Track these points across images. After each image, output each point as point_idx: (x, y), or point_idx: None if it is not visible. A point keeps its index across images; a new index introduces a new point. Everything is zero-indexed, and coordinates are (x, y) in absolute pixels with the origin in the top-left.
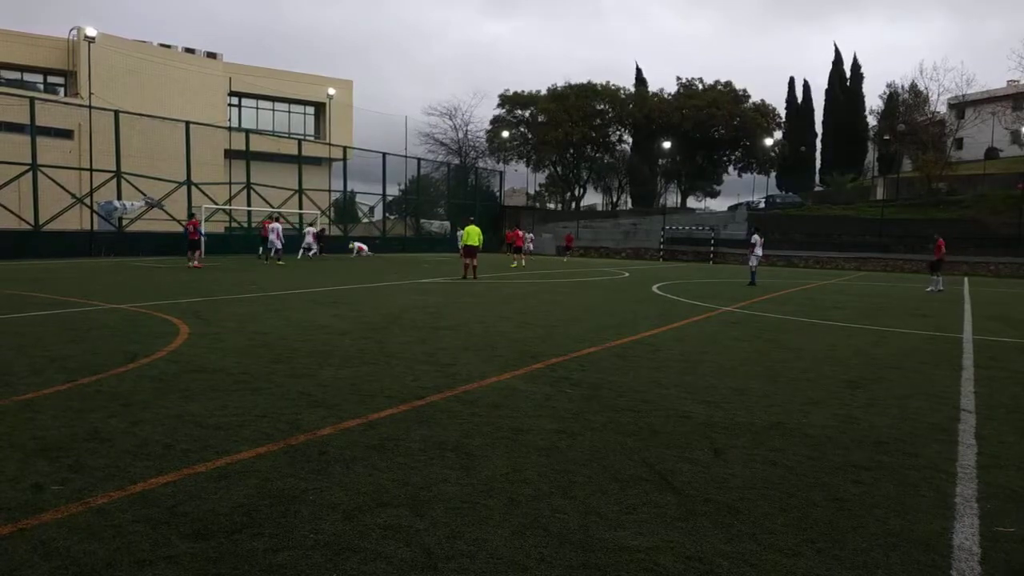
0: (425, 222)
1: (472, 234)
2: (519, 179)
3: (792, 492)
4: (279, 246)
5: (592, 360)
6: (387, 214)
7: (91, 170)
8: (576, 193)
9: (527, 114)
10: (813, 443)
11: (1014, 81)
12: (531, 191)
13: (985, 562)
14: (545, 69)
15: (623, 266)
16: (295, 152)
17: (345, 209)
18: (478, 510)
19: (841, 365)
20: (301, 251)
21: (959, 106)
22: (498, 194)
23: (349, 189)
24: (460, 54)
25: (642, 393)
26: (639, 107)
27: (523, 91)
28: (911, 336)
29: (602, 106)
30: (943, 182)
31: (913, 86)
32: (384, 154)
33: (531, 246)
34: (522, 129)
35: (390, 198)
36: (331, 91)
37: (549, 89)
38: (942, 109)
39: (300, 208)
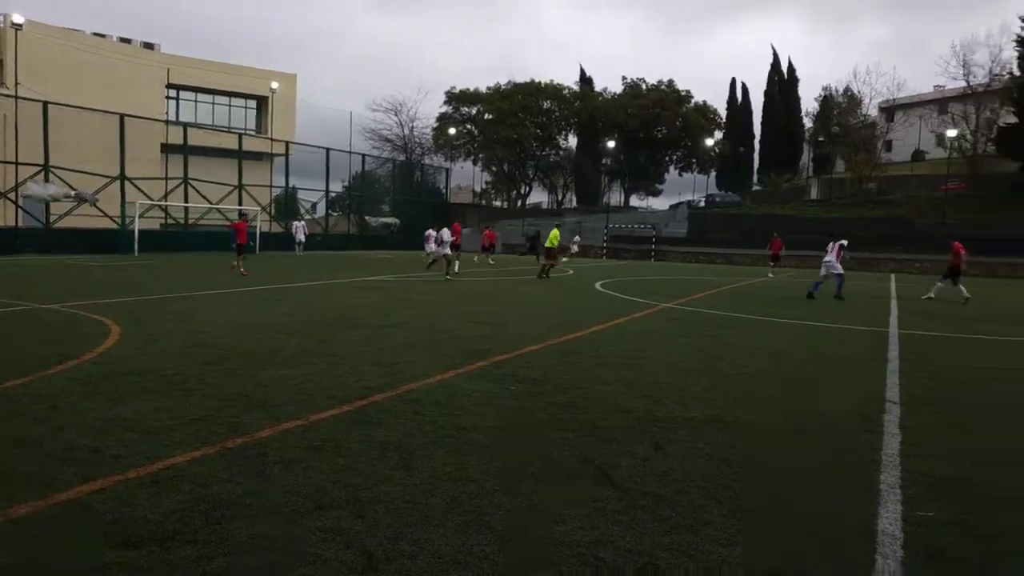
0: (371, 219)
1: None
2: (465, 176)
3: (728, 483)
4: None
5: (536, 357)
6: (330, 210)
7: (16, 163)
8: (522, 191)
9: (474, 111)
10: (749, 435)
11: (940, 86)
12: (477, 188)
13: (907, 546)
14: (485, 67)
15: (567, 263)
16: (235, 147)
17: (286, 205)
18: (420, 510)
19: (776, 360)
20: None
21: (889, 109)
22: (444, 191)
23: (291, 185)
24: (397, 51)
25: (584, 389)
26: (585, 106)
27: (469, 88)
28: (842, 331)
29: (548, 104)
30: (873, 182)
31: (847, 89)
32: (328, 149)
33: (431, 246)
34: (469, 126)
35: (333, 194)
36: (274, 85)
37: (490, 88)
38: (873, 112)
39: (240, 204)
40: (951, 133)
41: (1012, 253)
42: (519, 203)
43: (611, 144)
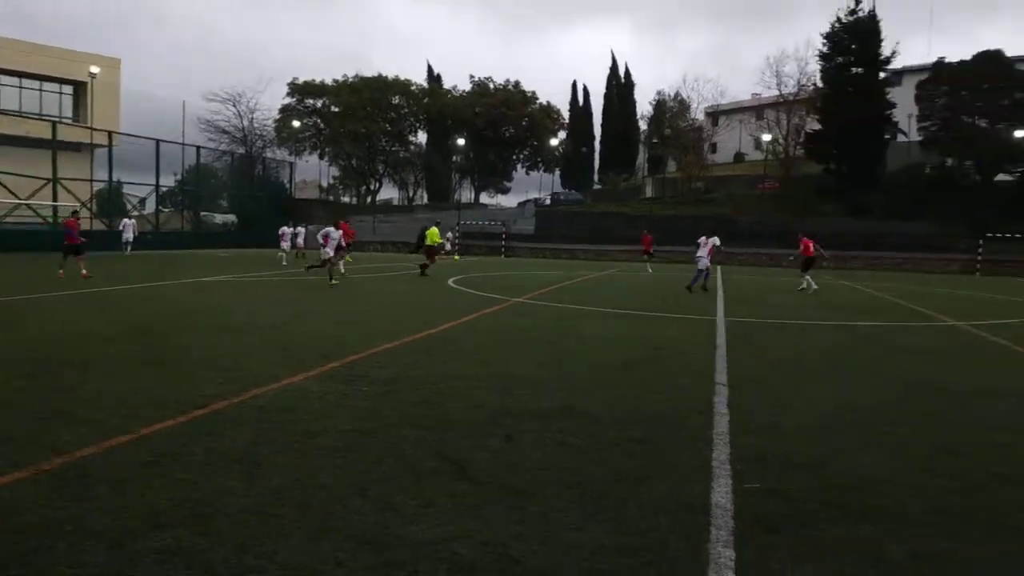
0: (206, 215)
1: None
2: (311, 171)
3: (578, 470)
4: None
5: (390, 356)
6: (161, 206)
7: None
8: (372, 187)
9: (319, 104)
10: (595, 422)
11: (757, 94)
12: (324, 184)
13: (738, 517)
14: (329, 60)
15: (420, 260)
16: (48, 136)
17: (110, 200)
18: (268, 520)
19: (618, 349)
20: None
21: (714, 114)
22: (289, 186)
23: (116, 179)
24: (234, 39)
25: (438, 385)
26: (434, 103)
27: (315, 80)
28: (675, 320)
29: (397, 100)
30: (701, 182)
31: (677, 95)
32: (158, 141)
33: (301, 241)
34: (315, 120)
35: (164, 189)
36: (94, 69)
37: (336, 81)
38: (701, 117)
39: (55, 200)
40: (766, 137)
41: (832, 246)
42: (369, 199)
43: (461, 141)
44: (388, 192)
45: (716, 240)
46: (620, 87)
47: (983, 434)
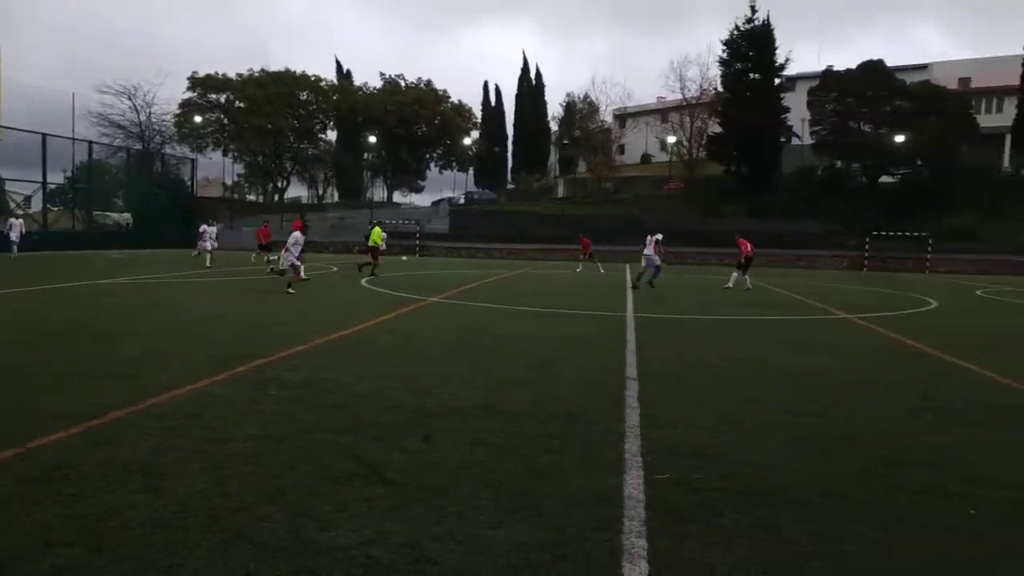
0: (99, 214)
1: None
2: (215, 168)
3: (496, 468)
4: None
5: (300, 358)
6: (49, 205)
7: None
8: (280, 185)
9: (223, 99)
10: (513, 420)
11: (662, 98)
12: (228, 181)
13: (650, 507)
14: (232, 53)
15: (331, 260)
16: None
17: None
18: (172, 533)
19: (534, 347)
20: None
21: (622, 116)
22: (190, 184)
23: None
24: (128, 29)
25: (352, 387)
26: (344, 100)
27: (217, 74)
28: (588, 317)
29: (305, 96)
30: (610, 182)
31: (587, 96)
32: (44, 135)
33: (215, 243)
34: (218, 115)
35: (53, 187)
36: None
37: (241, 75)
38: (609, 118)
39: None
40: (671, 139)
41: (722, 244)
42: (276, 197)
43: (372, 139)
44: (297, 190)
45: (659, 236)
46: (531, 88)
47: (875, 421)
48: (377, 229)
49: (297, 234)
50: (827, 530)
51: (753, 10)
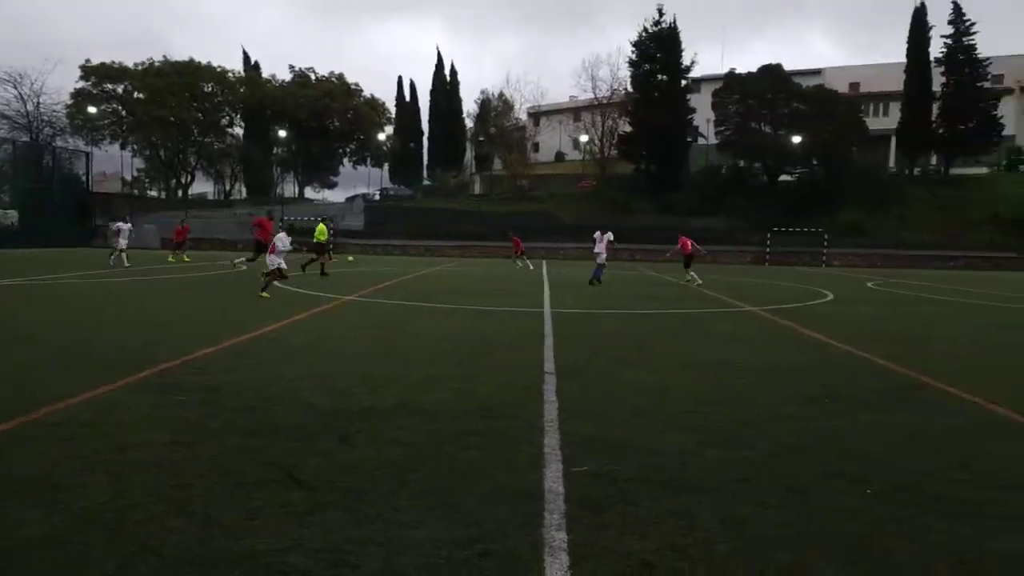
0: None
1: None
2: (112, 163)
3: (415, 467)
4: None
5: (209, 361)
6: None
7: None
8: (184, 180)
9: (120, 89)
10: (432, 418)
11: (574, 97)
12: (128, 176)
13: (569, 500)
14: (128, 41)
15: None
16: None
17: None
18: (70, 550)
19: (452, 344)
20: None
21: (536, 115)
22: (85, 179)
23: None
24: (16, 15)
25: (264, 390)
26: (252, 92)
27: (113, 62)
28: (506, 313)
29: (210, 87)
30: (525, 180)
31: (501, 94)
32: None
33: (124, 241)
34: (115, 106)
35: None
36: None
37: (140, 64)
38: (524, 116)
39: None
40: (583, 138)
41: (634, 241)
42: (180, 193)
43: (283, 133)
44: (202, 185)
45: (610, 235)
46: (446, 84)
47: (776, 407)
48: (322, 226)
49: (283, 235)
50: (737, 514)
51: (660, 13)
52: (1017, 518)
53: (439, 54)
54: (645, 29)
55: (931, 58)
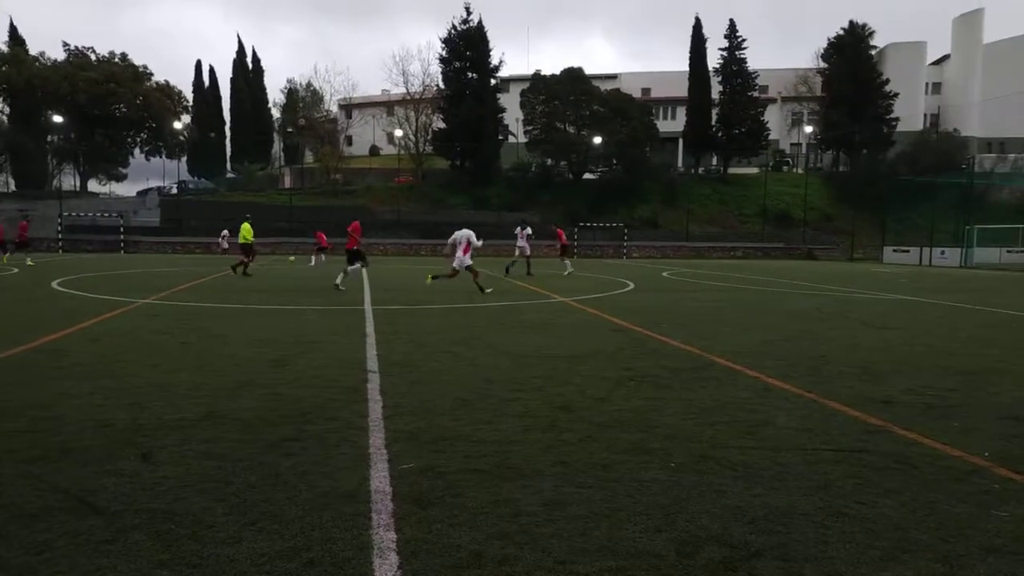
0: None
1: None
2: None
3: (228, 480)
4: None
5: None
6: None
7: None
8: None
9: None
10: (245, 426)
11: (387, 90)
12: None
13: (396, 498)
14: None
15: (16, 258)
16: None
17: None
18: None
19: (266, 346)
20: None
21: (348, 107)
22: None
23: None
24: None
25: (48, 409)
26: (19, 72)
27: None
28: (324, 312)
29: None
30: (339, 173)
31: (310, 84)
32: None
33: None
34: None
35: None
36: None
37: None
38: (335, 108)
39: None
40: (398, 133)
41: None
42: None
43: (58, 119)
44: None
45: (529, 230)
46: (247, 71)
47: (585, 391)
48: (247, 225)
49: (469, 231)
50: (558, 496)
51: (468, 11)
52: (790, 477)
53: (240, 40)
54: (454, 27)
55: (710, 69)
